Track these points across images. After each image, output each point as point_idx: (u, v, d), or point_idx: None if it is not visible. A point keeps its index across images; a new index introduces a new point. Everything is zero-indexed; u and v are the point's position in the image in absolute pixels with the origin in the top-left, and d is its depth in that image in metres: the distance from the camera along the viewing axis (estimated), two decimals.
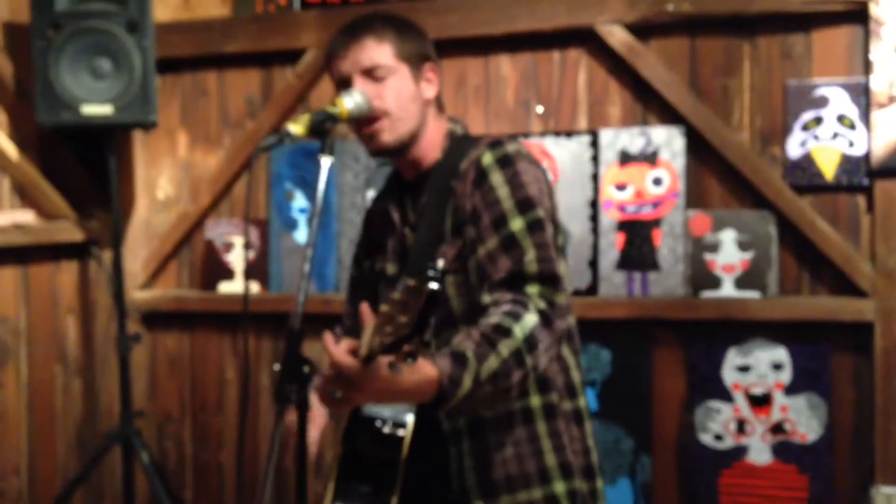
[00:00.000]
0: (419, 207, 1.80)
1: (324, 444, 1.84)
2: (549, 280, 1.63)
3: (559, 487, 1.72)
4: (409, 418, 1.62)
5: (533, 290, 1.61)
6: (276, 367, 1.51)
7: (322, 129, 1.61)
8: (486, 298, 1.63)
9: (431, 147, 1.80)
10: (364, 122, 1.73)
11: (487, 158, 1.71)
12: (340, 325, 2.05)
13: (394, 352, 1.29)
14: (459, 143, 1.81)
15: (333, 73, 1.79)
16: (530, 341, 1.54)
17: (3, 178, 3.02)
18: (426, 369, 1.43)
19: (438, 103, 1.84)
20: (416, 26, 1.84)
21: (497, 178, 1.69)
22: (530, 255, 1.63)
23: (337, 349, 1.39)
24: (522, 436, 1.72)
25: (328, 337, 1.43)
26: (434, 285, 1.22)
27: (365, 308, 1.44)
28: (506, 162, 1.70)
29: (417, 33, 1.83)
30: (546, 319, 1.58)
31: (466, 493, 1.71)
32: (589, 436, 1.80)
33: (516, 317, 1.55)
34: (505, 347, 1.51)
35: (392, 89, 1.73)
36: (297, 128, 1.59)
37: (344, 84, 1.76)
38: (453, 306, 1.72)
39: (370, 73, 1.73)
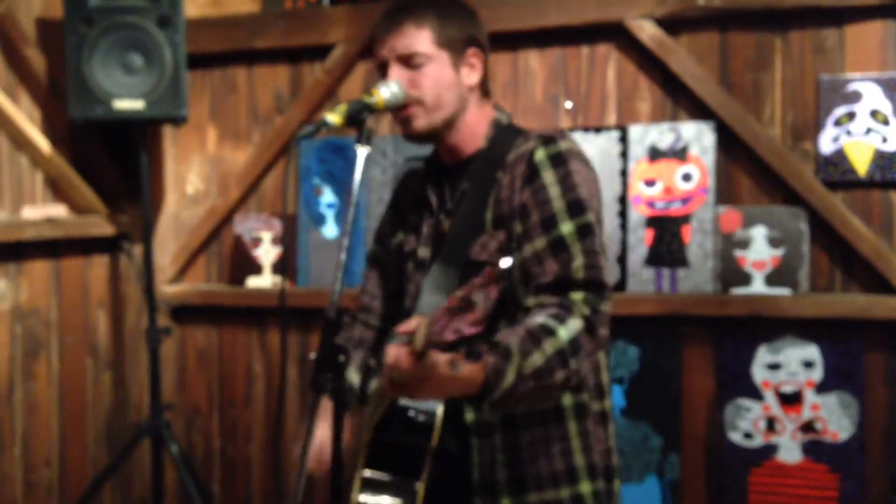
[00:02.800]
0: (457, 193, 1.78)
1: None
2: (596, 287, 1.63)
3: (585, 488, 1.73)
4: (440, 409, 1.63)
5: (578, 296, 1.60)
6: (312, 356, 1.52)
7: (358, 119, 1.61)
8: (531, 301, 1.64)
9: (473, 134, 1.79)
10: (397, 108, 1.73)
11: (540, 154, 1.69)
12: (358, 303, 2.03)
13: (456, 349, 1.29)
14: (504, 133, 1.79)
15: (375, 56, 1.78)
16: (574, 344, 1.55)
17: (35, 173, 3.06)
18: (470, 365, 1.45)
19: (483, 89, 1.81)
20: (463, 8, 1.80)
21: (549, 177, 1.67)
22: (578, 262, 1.63)
23: (393, 348, 1.40)
24: (554, 434, 1.72)
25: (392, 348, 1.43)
26: (499, 281, 1.23)
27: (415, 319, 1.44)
28: (558, 160, 1.69)
29: (463, 16, 1.79)
30: (590, 326, 1.58)
31: (494, 489, 1.70)
32: (611, 437, 1.80)
33: (561, 319, 1.55)
34: (549, 346, 1.51)
35: (429, 77, 1.72)
36: (334, 117, 1.59)
37: (381, 69, 1.76)
38: None
39: (407, 61, 1.72)
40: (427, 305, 1.71)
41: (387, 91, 1.67)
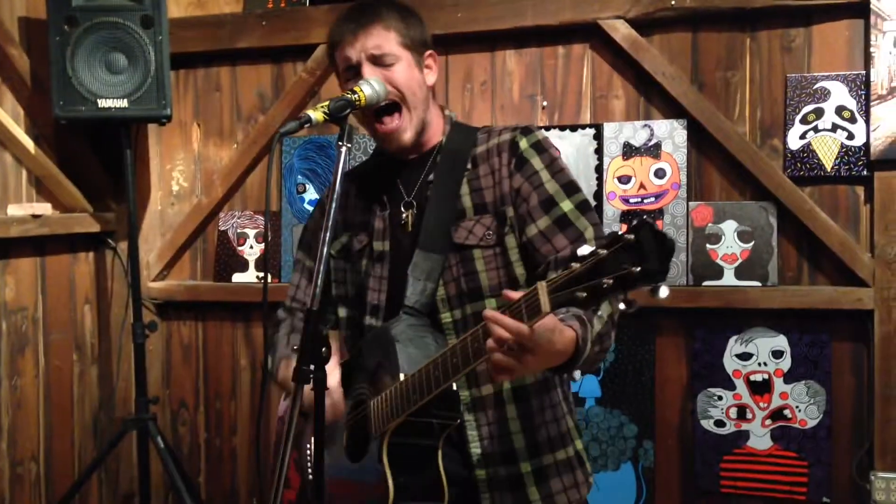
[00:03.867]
0: (419, 185, 1.85)
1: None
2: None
3: (579, 445, 1.87)
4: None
5: None
6: (294, 347, 1.57)
7: (340, 116, 1.64)
8: (553, 275, 1.69)
9: (434, 130, 1.88)
10: (379, 118, 1.78)
11: (524, 143, 1.81)
12: (287, 310, 2.04)
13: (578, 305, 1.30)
14: (459, 129, 1.90)
15: (339, 59, 1.83)
16: (613, 308, 1.67)
17: (20, 171, 3.09)
18: (567, 332, 1.50)
19: (433, 91, 1.92)
20: (416, 13, 1.90)
21: (537, 163, 1.80)
22: (590, 233, 1.75)
23: (508, 319, 1.40)
24: (555, 399, 1.83)
25: (492, 312, 1.43)
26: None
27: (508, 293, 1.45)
28: (540, 147, 1.82)
29: (418, 20, 1.89)
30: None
31: (513, 456, 1.78)
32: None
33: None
34: (604, 311, 1.62)
35: (401, 75, 1.80)
36: (316, 114, 1.62)
37: (350, 70, 1.81)
38: (482, 280, 1.79)
39: (378, 60, 1.78)
40: (417, 291, 1.77)
41: (369, 88, 1.71)
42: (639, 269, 1.22)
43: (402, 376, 1.66)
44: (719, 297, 2.77)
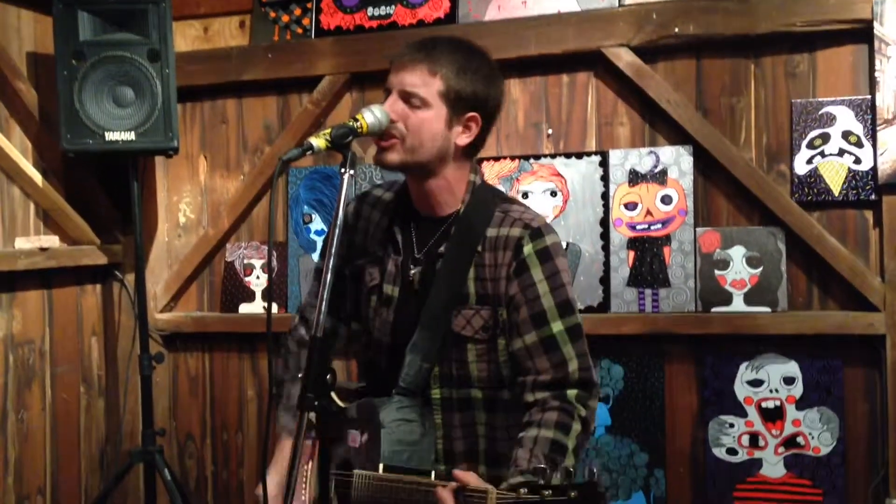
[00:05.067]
0: (433, 251, 1.82)
1: None
2: (588, 387, 1.77)
3: None
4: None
5: (573, 393, 1.74)
6: (299, 375, 1.56)
7: (342, 143, 1.62)
8: (530, 397, 1.75)
9: (451, 192, 1.82)
10: (380, 137, 1.76)
11: (528, 249, 1.77)
12: (300, 315, 2.05)
13: None
14: (480, 197, 1.83)
15: (387, 78, 1.80)
16: (577, 450, 1.71)
17: (28, 204, 3.10)
18: None
19: (470, 152, 1.84)
20: (486, 71, 1.81)
21: (537, 274, 1.77)
22: (573, 365, 1.75)
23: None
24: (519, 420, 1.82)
25: (446, 494, 1.53)
26: None
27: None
28: (545, 256, 1.78)
29: (480, 79, 1.78)
30: (585, 425, 1.74)
31: (475, 456, 1.81)
32: None
33: (566, 430, 1.69)
34: (560, 470, 1.60)
35: (418, 120, 1.75)
36: (318, 141, 1.60)
37: (386, 91, 1.79)
38: (471, 370, 1.80)
39: (407, 97, 1.75)
40: (412, 371, 1.78)
41: (371, 116, 1.69)
42: None
43: (381, 467, 1.68)
44: (728, 323, 2.75)
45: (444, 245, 1.81)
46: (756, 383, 2.76)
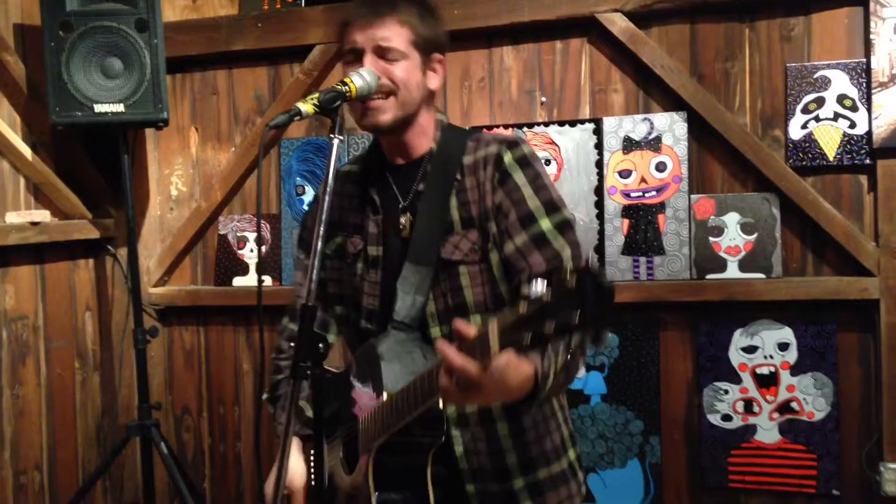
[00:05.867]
0: (411, 193, 1.82)
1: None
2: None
3: (572, 455, 1.84)
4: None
5: None
6: (291, 344, 1.55)
7: (331, 108, 1.59)
8: (526, 289, 1.67)
9: (424, 135, 1.83)
10: (365, 98, 1.73)
11: (508, 158, 1.76)
12: (291, 316, 2.03)
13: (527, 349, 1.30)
14: (449, 134, 1.85)
15: (346, 40, 1.78)
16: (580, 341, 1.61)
17: (18, 179, 3.08)
18: (525, 367, 1.48)
19: (434, 94, 1.86)
20: (436, 13, 1.85)
21: (520, 178, 1.75)
22: (566, 253, 1.72)
23: (457, 357, 1.39)
24: (547, 412, 1.81)
25: (444, 344, 1.42)
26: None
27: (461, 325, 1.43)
28: (525, 162, 1.77)
29: (436, 20, 1.84)
30: None
31: (505, 472, 1.76)
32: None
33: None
34: (571, 340, 1.57)
35: (402, 72, 1.75)
36: (306, 106, 1.57)
37: (352, 54, 1.77)
38: (467, 296, 1.76)
39: (382, 53, 1.74)
40: (406, 306, 1.75)
41: (359, 79, 1.67)
42: (578, 317, 1.21)
43: (384, 395, 1.65)
44: (723, 290, 2.74)
45: (422, 184, 1.81)
46: (750, 349, 2.76)
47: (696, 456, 2.84)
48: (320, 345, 1.50)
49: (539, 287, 1.26)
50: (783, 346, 2.73)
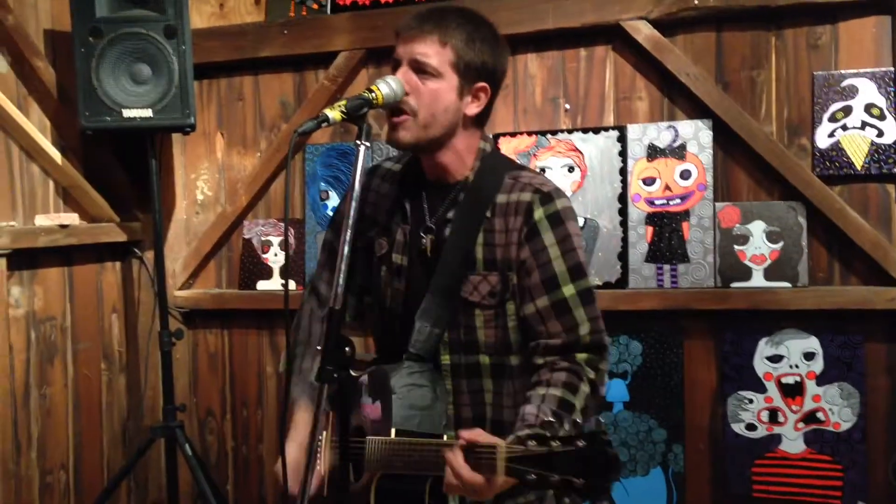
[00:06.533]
0: (442, 218, 1.82)
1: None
2: (598, 350, 1.76)
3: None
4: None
5: (583, 357, 1.73)
6: (318, 348, 1.56)
7: (358, 115, 1.61)
8: (539, 359, 1.75)
9: (461, 160, 1.82)
10: (392, 112, 1.75)
11: (539, 214, 1.76)
12: (311, 289, 2.06)
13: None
14: (490, 164, 1.83)
15: (395, 49, 1.79)
16: (585, 411, 1.68)
17: (48, 182, 3.12)
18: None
19: (479, 121, 1.84)
20: (494, 40, 1.81)
21: (548, 238, 1.76)
22: (584, 329, 1.74)
23: (465, 469, 1.50)
24: None
25: (453, 456, 1.52)
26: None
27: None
28: (556, 220, 1.77)
29: (489, 48, 1.79)
30: (594, 388, 1.72)
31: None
32: None
33: (574, 390, 1.68)
34: (568, 423, 1.59)
35: (431, 92, 1.74)
36: (333, 113, 1.59)
37: (394, 62, 1.78)
38: (479, 336, 1.79)
39: (418, 68, 1.74)
40: (422, 337, 1.78)
41: (386, 87, 1.68)
42: (582, 483, 1.34)
43: (393, 432, 1.69)
44: (748, 298, 2.73)
45: (452, 211, 1.81)
46: (776, 359, 2.74)
47: (720, 465, 2.82)
48: (346, 349, 1.52)
49: (549, 420, 1.42)
50: (809, 356, 2.71)
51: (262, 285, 3.33)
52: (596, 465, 1.33)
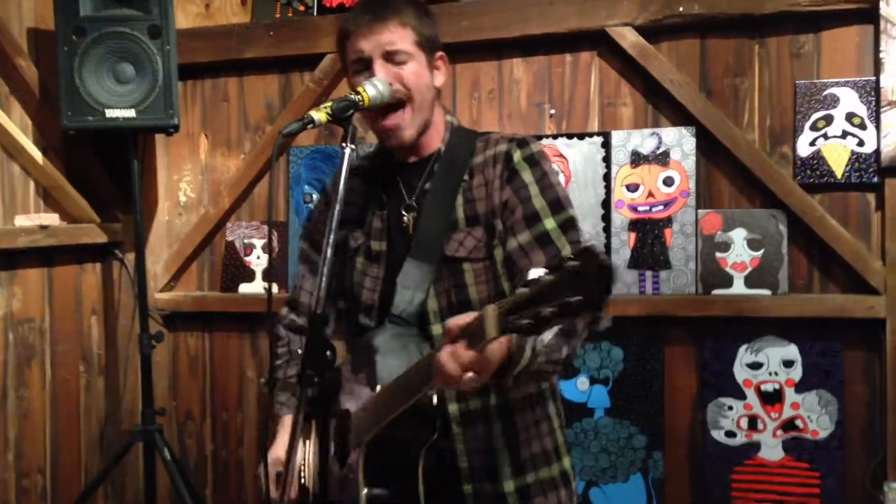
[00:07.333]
0: (419, 191, 1.83)
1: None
2: None
3: (566, 463, 1.84)
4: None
5: None
6: (300, 351, 1.55)
7: (343, 117, 1.61)
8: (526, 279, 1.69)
9: (435, 134, 1.85)
10: (384, 115, 1.75)
11: (517, 156, 1.78)
12: (289, 299, 2.05)
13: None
14: (458, 135, 1.87)
15: (350, 49, 1.78)
16: (572, 325, 1.62)
17: (28, 182, 3.09)
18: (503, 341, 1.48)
19: (440, 93, 1.88)
20: (430, 12, 1.86)
21: (528, 176, 1.77)
22: (567, 251, 1.71)
23: (459, 348, 1.42)
24: (541, 415, 1.81)
25: (444, 348, 1.45)
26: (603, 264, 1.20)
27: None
28: (533, 161, 1.78)
29: (431, 19, 1.85)
30: None
31: (495, 473, 1.75)
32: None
33: None
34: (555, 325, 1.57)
35: (413, 74, 1.76)
36: (319, 114, 1.59)
37: (360, 63, 1.77)
38: (471, 293, 1.77)
39: (391, 57, 1.75)
40: (404, 301, 1.76)
41: (372, 88, 1.68)
42: (579, 298, 1.19)
43: (378, 387, 1.66)
44: (729, 305, 2.74)
45: (429, 183, 1.82)
46: (755, 366, 2.75)
47: (700, 472, 2.82)
48: (328, 353, 1.50)
49: (539, 272, 1.25)
50: (788, 364, 2.73)
51: (244, 288, 3.31)
52: (590, 278, 1.18)
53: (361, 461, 1.69)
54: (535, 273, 1.26)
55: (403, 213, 1.83)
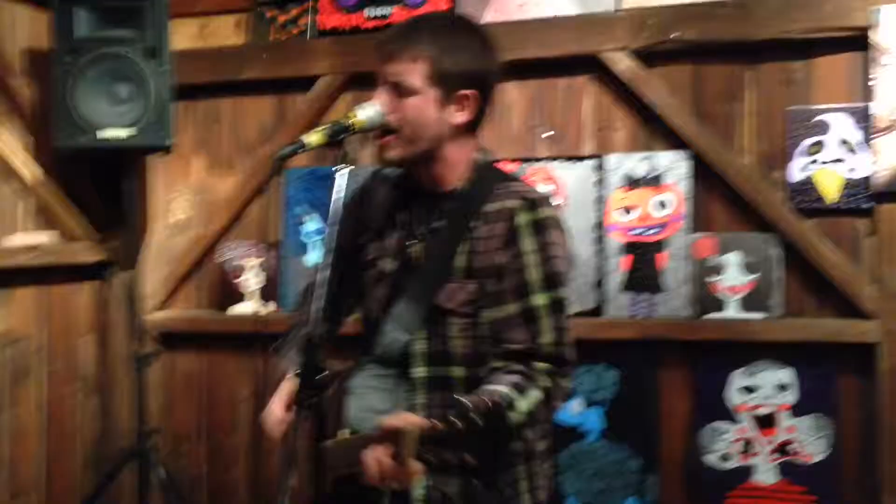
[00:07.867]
0: (428, 227, 1.81)
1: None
2: (560, 363, 1.70)
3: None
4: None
5: (542, 366, 1.68)
6: (295, 373, 1.57)
7: (337, 140, 1.63)
8: (497, 363, 1.70)
9: (452, 170, 1.80)
10: (379, 133, 1.75)
11: (522, 219, 1.73)
12: (304, 293, 2.05)
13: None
14: (483, 175, 1.81)
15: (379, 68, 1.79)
16: (531, 416, 1.63)
17: (22, 201, 3.10)
18: None
19: (471, 128, 1.80)
20: (473, 45, 1.78)
21: (528, 244, 1.72)
22: (547, 338, 1.69)
23: (375, 452, 1.49)
24: (508, 479, 1.76)
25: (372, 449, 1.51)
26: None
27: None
28: (539, 228, 1.73)
29: (468, 54, 1.76)
30: (548, 397, 1.66)
31: None
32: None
33: (522, 390, 1.63)
34: (508, 419, 1.60)
35: (411, 109, 1.73)
36: (311, 139, 1.61)
37: (377, 82, 1.77)
38: (452, 346, 1.76)
39: (396, 87, 1.73)
40: (390, 341, 1.76)
41: (363, 114, 1.69)
42: (475, 463, 1.40)
43: (347, 431, 1.66)
44: (723, 329, 2.75)
45: (440, 221, 1.80)
46: (749, 390, 2.76)
47: (694, 495, 2.83)
48: (322, 375, 1.53)
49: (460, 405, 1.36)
50: (782, 388, 2.73)
51: (237, 308, 3.30)
52: (492, 441, 1.28)
53: (332, 484, 1.69)
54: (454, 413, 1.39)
55: (412, 244, 1.82)
